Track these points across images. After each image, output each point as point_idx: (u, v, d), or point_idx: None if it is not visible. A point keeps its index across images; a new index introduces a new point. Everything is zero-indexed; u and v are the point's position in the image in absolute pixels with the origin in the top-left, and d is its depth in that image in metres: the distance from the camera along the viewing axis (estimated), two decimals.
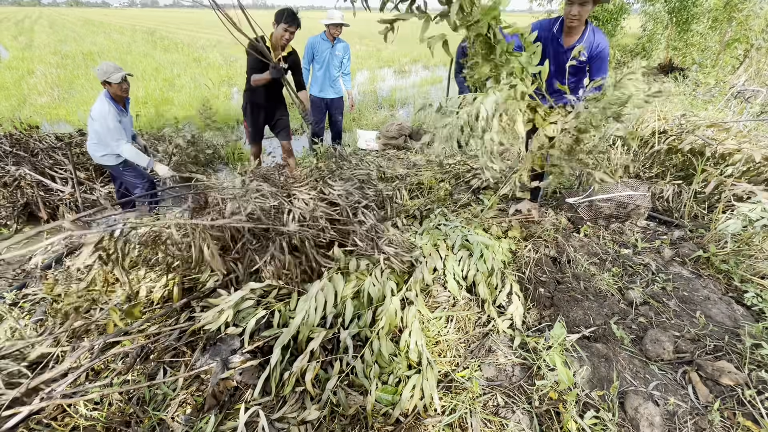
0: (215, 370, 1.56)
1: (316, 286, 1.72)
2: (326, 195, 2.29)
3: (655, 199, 3.08)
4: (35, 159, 4.07)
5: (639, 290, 2.10)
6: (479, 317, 1.97)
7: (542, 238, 2.54)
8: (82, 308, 2.01)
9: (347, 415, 1.48)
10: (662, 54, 10.99)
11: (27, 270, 2.69)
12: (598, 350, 1.70)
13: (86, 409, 1.51)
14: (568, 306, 1.99)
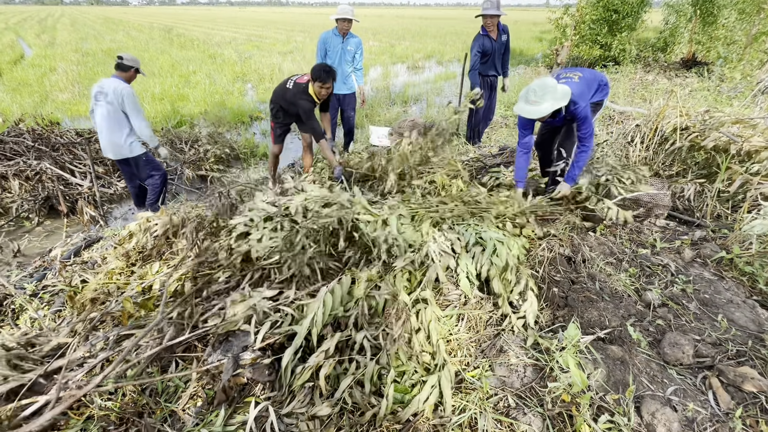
0: (226, 366, 1.57)
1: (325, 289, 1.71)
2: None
3: (675, 198, 2.98)
4: (56, 154, 4.18)
5: (657, 291, 2.03)
6: (491, 316, 1.94)
7: (557, 236, 2.48)
8: (99, 300, 2.06)
9: (356, 413, 1.47)
10: (685, 48, 10.63)
11: (46, 262, 2.76)
12: (613, 352, 1.66)
13: (101, 399, 1.55)
14: (583, 306, 1.94)
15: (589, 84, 2.67)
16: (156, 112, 6.52)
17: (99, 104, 3.20)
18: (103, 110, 3.20)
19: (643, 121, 3.73)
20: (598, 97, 2.84)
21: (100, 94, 3.18)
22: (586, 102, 2.51)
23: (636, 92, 7.47)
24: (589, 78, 2.71)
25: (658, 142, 3.51)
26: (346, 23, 4.32)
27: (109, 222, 3.74)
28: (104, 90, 3.18)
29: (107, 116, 3.21)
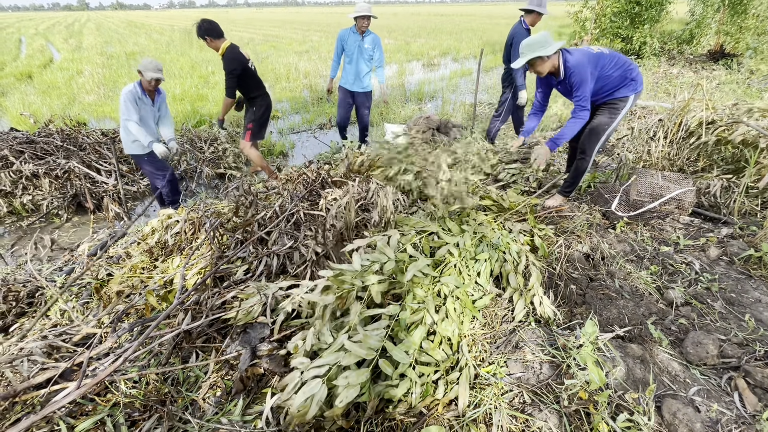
0: (244, 357, 1.61)
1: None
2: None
3: (700, 194, 2.89)
4: (83, 153, 4.34)
5: (680, 290, 1.97)
6: (506, 313, 1.92)
7: (575, 233, 2.44)
8: (124, 293, 2.14)
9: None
10: (712, 40, 10.23)
11: (75, 256, 2.88)
12: (633, 351, 1.62)
13: (126, 387, 1.61)
14: (602, 304, 1.90)
15: (606, 63, 2.60)
16: (177, 112, 6.69)
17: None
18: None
19: (667, 116, 3.62)
20: (623, 92, 2.68)
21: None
22: (585, 73, 2.52)
23: (659, 86, 7.24)
24: (613, 60, 2.62)
25: (683, 137, 3.39)
26: (365, 20, 4.34)
27: (132, 218, 3.86)
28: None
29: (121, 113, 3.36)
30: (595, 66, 2.58)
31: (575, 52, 2.60)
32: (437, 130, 5.42)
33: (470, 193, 2.48)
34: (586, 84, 2.53)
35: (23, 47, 19.06)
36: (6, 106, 7.51)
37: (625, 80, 2.66)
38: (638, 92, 2.72)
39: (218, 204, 3.12)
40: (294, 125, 6.81)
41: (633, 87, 2.68)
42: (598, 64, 2.58)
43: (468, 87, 9.38)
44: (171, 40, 20.31)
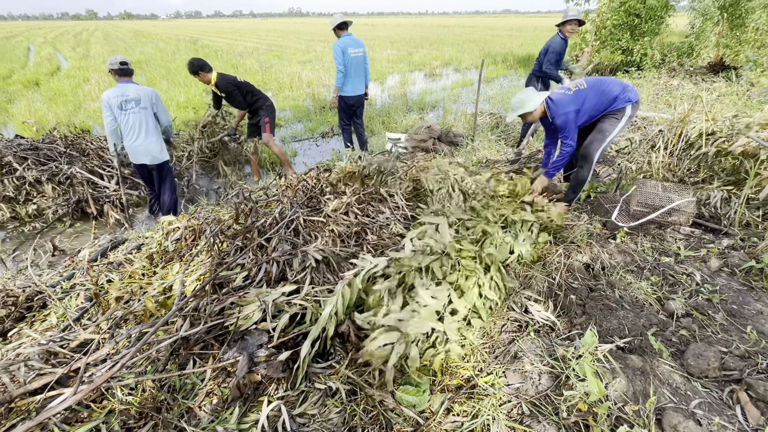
0: (241, 364, 1.60)
1: (342, 282, 1.74)
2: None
3: (700, 205, 2.88)
4: (86, 158, 4.38)
5: (681, 301, 1.96)
6: (505, 323, 1.91)
7: (574, 243, 2.44)
8: (123, 299, 2.14)
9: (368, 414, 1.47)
10: (712, 52, 10.30)
11: (75, 262, 2.89)
12: (633, 362, 1.61)
13: (122, 393, 1.60)
14: (601, 315, 1.89)
15: (588, 96, 2.83)
16: (180, 119, 6.76)
17: (130, 112, 3.31)
18: (138, 116, 3.33)
19: (667, 127, 3.63)
20: (618, 105, 2.84)
21: (127, 102, 3.28)
22: (565, 114, 2.79)
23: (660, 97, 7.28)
24: (594, 88, 2.85)
25: (683, 147, 3.40)
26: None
27: (133, 225, 3.88)
28: (132, 97, 3.30)
29: (143, 122, 3.35)
30: (577, 103, 2.80)
31: (556, 98, 2.85)
32: (438, 140, 5.46)
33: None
34: (569, 124, 2.80)
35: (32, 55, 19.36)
36: (13, 112, 7.60)
37: (615, 100, 2.83)
38: (633, 102, 2.84)
39: (219, 211, 3.13)
40: (296, 133, 6.87)
41: (625, 98, 2.83)
42: (578, 101, 2.81)
43: (469, 97, 9.45)
44: (177, 49, 20.61)
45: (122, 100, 3.28)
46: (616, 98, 2.83)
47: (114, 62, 3.33)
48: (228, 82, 4.20)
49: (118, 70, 3.34)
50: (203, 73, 4.11)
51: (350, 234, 2.45)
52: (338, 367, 1.66)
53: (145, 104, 3.34)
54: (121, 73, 3.35)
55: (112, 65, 3.33)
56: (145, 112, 3.35)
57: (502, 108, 7.67)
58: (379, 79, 11.75)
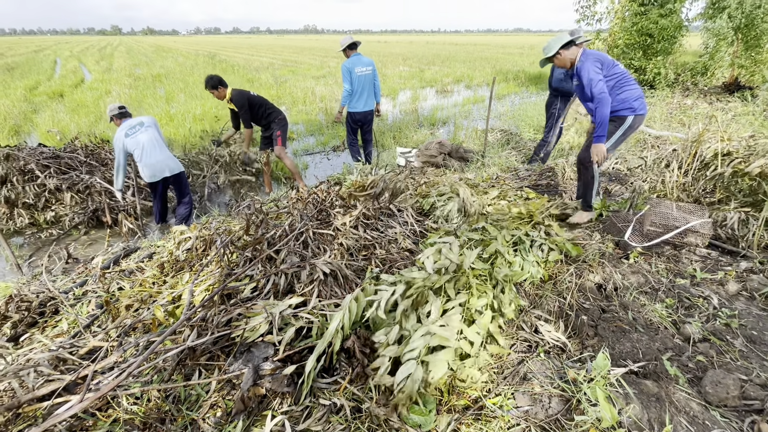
0: (246, 376, 1.59)
1: (350, 296, 1.73)
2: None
3: (716, 227, 2.82)
4: (104, 168, 4.49)
5: (697, 325, 1.90)
6: (514, 343, 1.87)
7: (586, 262, 2.39)
8: (132, 307, 2.16)
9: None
10: (726, 72, 10.23)
11: (89, 269, 2.93)
12: (647, 388, 1.55)
13: (127, 402, 1.60)
14: (614, 337, 1.84)
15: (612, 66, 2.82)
16: (196, 130, 6.93)
17: (143, 131, 3.54)
18: (150, 134, 3.54)
19: (681, 146, 3.59)
20: (624, 110, 2.82)
21: (132, 128, 3.52)
22: (590, 68, 2.74)
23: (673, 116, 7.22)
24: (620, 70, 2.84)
25: (698, 167, 3.35)
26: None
27: (146, 233, 3.94)
28: (136, 123, 3.56)
29: (154, 138, 3.55)
30: (607, 68, 2.78)
31: (591, 51, 2.84)
32: (449, 155, 5.48)
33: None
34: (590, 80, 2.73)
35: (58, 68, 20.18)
36: (37, 122, 7.89)
37: (622, 102, 2.81)
38: (638, 114, 2.82)
39: (230, 222, 3.17)
40: (308, 147, 6.97)
41: (635, 108, 2.82)
42: (608, 67, 2.79)
43: (480, 114, 9.50)
44: (195, 63, 21.26)
45: (127, 130, 3.52)
46: (624, 101, 2.81)
47: (113, 109, 3.61)
48: (240, 95, 4.33)
49: (118, 114, 3.62)
50: (222, 87, 4.28)
51: (359, 248, 2.45)
52: (343, 383, 1.64)
53: (149, 124, 3.62)
54: (121, 116, 3.63)
55: (112, 112, 3.60)
56: (152, 129, 3.58)
57: (513, 125, 7.69)
58: (391, 95, 11.91)
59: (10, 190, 3.92)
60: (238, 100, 4.30)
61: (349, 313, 1.67)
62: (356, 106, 4.86)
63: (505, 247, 2.28)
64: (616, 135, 2.85)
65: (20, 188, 3.94)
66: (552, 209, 2.93)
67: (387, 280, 1.93)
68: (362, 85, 4.75)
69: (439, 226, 2.86)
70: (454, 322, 1.68)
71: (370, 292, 1.82)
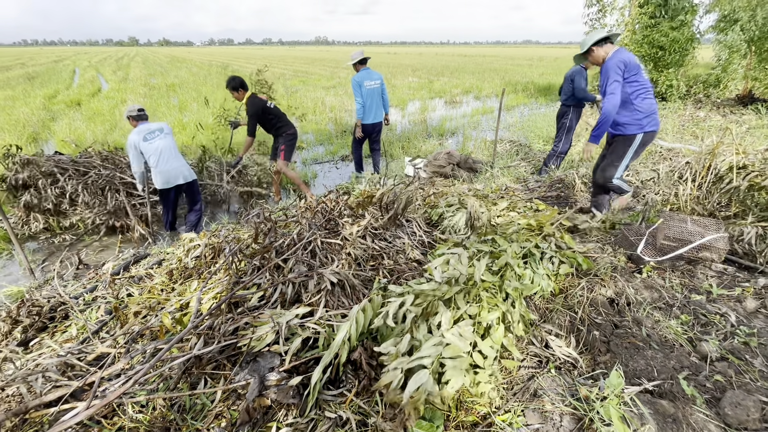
0: (252, 387, 1.58)
1: (357, 307, 1.72)
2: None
3: (733, 241, 2.75)
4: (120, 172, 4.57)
5: (715, 343, 1.84)
6: (524, 358, 1.83)
7: (597, 276, 2.35)
8: (141, 314, 2.17)
9: None
10: (740, 84, 10.12)
11: (99, 274, 2.96)
12: (663, 408, 1.50)
13: (133, 410, 1.59)
14: (628, 354, 1.79)
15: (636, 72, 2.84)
16: (207, 140, 7.03)
17: (162, 137, 3.59)
18: (166, 141, 3.58)
19: (694, 159, 3.53)
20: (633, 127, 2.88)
21: (151, 133, 3.56)
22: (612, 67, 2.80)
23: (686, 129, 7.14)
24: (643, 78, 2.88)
25: (712, 180, 3.29)
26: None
27: (156, 240, 3.98)
28: (154, 128, 3.59)
29: (171, 146, 3.61)
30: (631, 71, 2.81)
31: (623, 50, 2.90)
32: (458, 166, 5.47)
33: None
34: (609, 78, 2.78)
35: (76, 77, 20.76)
36: (55, 130, 8.10)
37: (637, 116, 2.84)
38: (647, 131, 2.87)
39: (239, 229, 3.19)
40: (317, 156, 7.02)
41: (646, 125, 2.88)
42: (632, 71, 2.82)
43: (489, 124, 9.51)
44: (208, 73, 21.71)
45: (146, 134, 3.55)
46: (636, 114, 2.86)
47: (132, 110, 3.64)
48: (256, 104, 4.36)
49: (136, 116, 3.64)
50: (242, 90, 4.36)
51: (367, 258, 2.44)
52: (349, 396, 1.62)
53: (168, 131, 3.65)
54: (139, 118, 3.65)
55: (130, 112, 3.63)
56: (169, 137, 3.62)
57: (522, 135, 7.67)
58: (400, 105, 12.00)
59: (32, 195, 4.01)
60: (251, 106, 4.36)
61: (356, 324, 1.66)
62: (366, 119, 5.00)
63: (515, 259, 2.24)
64: (628, 154, 2.90)
65: (43, 192, 4.02)
66: (562, 221, 2.89)
67: (395, 290, 1.91)
68: (371, 98, 4.90)
69: (448, 237, 2.84)
70: (466, 333, 1.64)
71: (377, 302, 1.80)
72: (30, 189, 4.07)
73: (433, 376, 1.47)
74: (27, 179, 4.07)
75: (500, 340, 1.74)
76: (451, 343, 1.57)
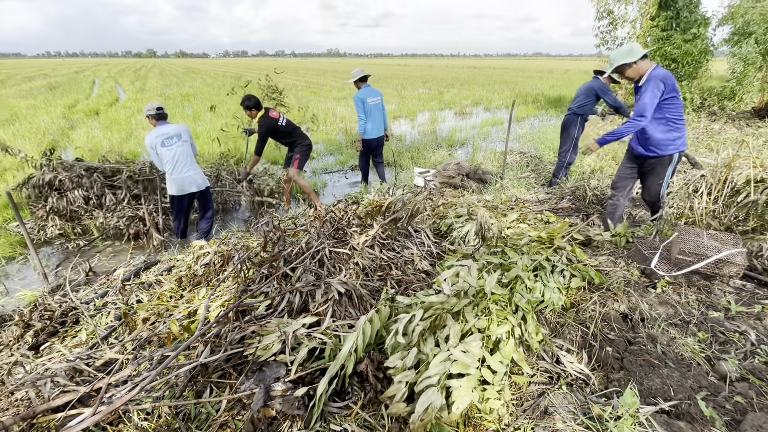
0: (257, 397, 1.56)
1: (364, 318, 1.70)
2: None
3: (752, 257, 2.67)
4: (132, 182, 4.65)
5: (734, 363, 1.77)
6: (534, 374, 1.79)
7: (610, 290, 2.30)
8: (149, 320, 2.18)
9: None
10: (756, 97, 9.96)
11: (110, 280, 3.00)
12: (681, 430, 1.44)
13: (138, 418, 1.59)
14: (642, 372, 1.74)
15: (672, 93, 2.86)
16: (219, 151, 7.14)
17: (174, 145, 3.59)
18: (183, 149, 3.60)
19: (710, 172, 3.46)
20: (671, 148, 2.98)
21: (169, 138, 3.58)
22: (651, 89, 2.80)
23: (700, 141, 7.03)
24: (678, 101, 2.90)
25: (729, 194, 3.21)
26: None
27: (167, 247, 4.03)
28: (172, 134, 3.60)
29: (187, 153, 3.64)
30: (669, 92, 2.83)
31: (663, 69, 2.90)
32: (467, 176, 5.45)
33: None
34: (645, 100, 2.77)
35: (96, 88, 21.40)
36: (73, 138, 8.32)
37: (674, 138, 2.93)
38: (681, 150, 3.00)
39: (248, 237, 3.21)
40: (327, 166, 7.08)
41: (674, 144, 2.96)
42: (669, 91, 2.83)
43: (499, 136, 9.50)
44: (222, 84, 22.19)
45: (164, 138, 3.56)
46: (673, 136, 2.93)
47: (151, 108, 3.65)
48: (267, 124, 4.40)
49: (155, 115, 3.65)
50: (254, 110, 4.43)
51: (374, 268, 2.43)
52: (355, 408, 1.59)
53: (186, 138, 3.65)
54: (158, 117, 3.67)
55: (150, 111, 3.65)
56: (186, 144, 3.64)
57: (533, 147, 7.64)
58: (410, 116, 12.08)
59: (58, 199, 4.11)
60: (262, 125, 4.40)
61: (363, 336, 1.64)
62: (371, 133, 5.19)
63: (526, 272, 2.21)
64: (668, 173, 3.00)
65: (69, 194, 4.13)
66: (574, 234, 2.85)
67: (403, 301, 1.89)
68: (374, 113, 5.08)
69: (457, 248, 2.82)
70: (474, 348, 1.61)
71: (384, 313, 1.78)
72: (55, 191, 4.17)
73: (441, 392, 1.44)
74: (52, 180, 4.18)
75: (510, 355, 1.69)
76: (458, 359, 1.54)
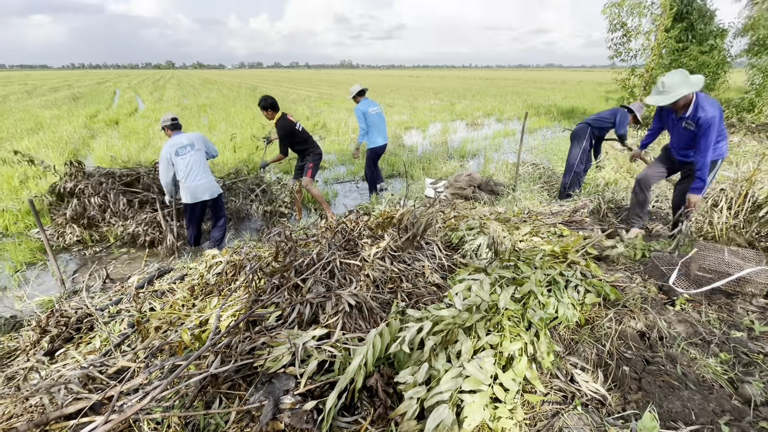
0: (266, 410, 1.55)
1: (374, 331, 1.69)
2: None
3: None
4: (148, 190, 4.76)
5: (759, 386, 1.70)
6: (548, 392, 1.74)
7: (626, 307, 2.24)
8: (161, 328, 2.20)
9: None
10: None
11: (125, 287, 3.05)
12: None
13: (148, 427, 1.60)
14: (662, 393, 1.68)
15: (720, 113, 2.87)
16: (235, 159, 7.28)
17: (188, 154, 3.66)
18: (196, 157, 3.68)
19: (730, 185, 3.38)
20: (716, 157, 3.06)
21: (183, 148, 3.66)
22: (713, 115, 2.76)
23: None
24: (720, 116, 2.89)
25: (750, 209, 3.13)
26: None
27: (181, 255, 4.09)
28: (185, 143, 3.69)
29: (201, 162, 3.70)
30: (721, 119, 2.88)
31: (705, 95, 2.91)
32: (479, 188, 5.42)
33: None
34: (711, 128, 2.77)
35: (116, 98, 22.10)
36: (93, 147, 8.58)
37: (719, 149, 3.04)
38: (724, 156, 3.10)
39: (260, 247, 3.23)
40: (339, 176, 7.13)
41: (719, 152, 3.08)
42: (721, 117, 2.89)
43: (511, 147, 9.45)
44: (238, 95, 22.69)
45: (178, 148, 3.65)
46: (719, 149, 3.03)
47: (166, 119, 3.77)
48: (285, 127, 4.54)
49: (171, 125, 3.76)
50: (272, 111, 4.55)
51: (385, 280, 2.42)
52: (364, 424, 1.57)
53: (199, 146, 3.72)
54: (173, 128, 3.78)
55: (165, 122, 3.76)
56: (199, 153, 3.71)
57: (545, 158, 7.58)
58: (421, 127, 12.13)
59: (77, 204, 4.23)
60: (281, 128, 4.53)
61: (373, 349, 1.62)
62: (376, 141, 5.32)
63: (539, 287, 2.17)
64: (709, 178, 3.05)
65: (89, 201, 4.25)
66: (588, 248, 2.79)
67: (413, 315, 1.87)
68: (376, 122, 5.22)
69: (468, 261, 2.79)
70: (487, 364, 1.58)
71: (395, 327, 1.76)
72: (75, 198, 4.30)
73: (452, 409, 1.42)
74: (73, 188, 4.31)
75: (523, 373, 1.65)
76: (471, 374, 1.51)
